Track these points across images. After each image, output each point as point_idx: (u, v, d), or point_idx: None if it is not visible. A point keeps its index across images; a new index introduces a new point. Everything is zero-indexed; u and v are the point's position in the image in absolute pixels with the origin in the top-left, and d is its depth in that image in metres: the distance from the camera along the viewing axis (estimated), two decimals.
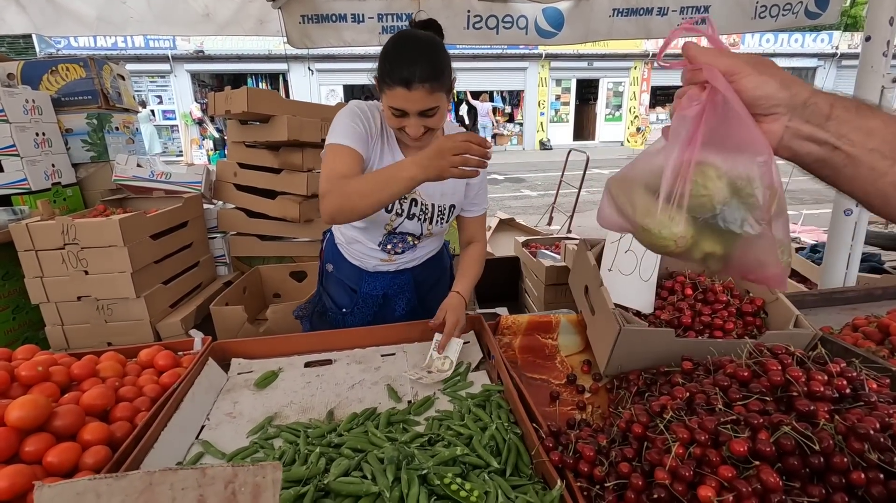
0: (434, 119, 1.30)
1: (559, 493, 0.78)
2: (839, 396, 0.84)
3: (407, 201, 1.45)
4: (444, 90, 1.29)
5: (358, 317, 1.63)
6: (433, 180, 1.12)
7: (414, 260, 1.62)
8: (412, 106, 1.24)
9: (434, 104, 1.26)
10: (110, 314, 2.42)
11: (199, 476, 0.52)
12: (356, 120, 1.37)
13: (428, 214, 1.49)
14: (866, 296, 1.60)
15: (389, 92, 1.25)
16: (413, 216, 1.48)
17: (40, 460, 0.87)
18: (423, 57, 1.23)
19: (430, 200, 1.48)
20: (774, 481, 0.68)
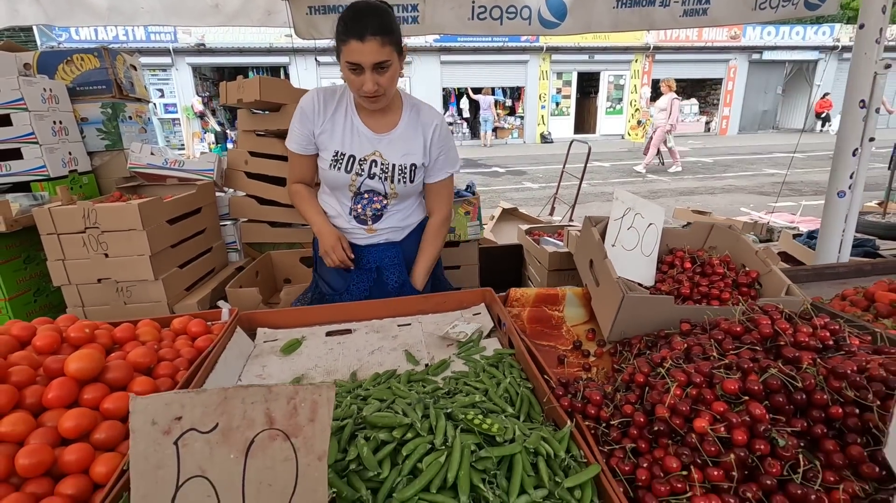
0: (387, 76, 1.44)
1: (569, 430, 0.86)
2: (823, 347, 0.93)
3: (366, 162, 1.61)
4: (395, 48, 1.43)
5: (354, 294, 1.74)
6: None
7: (395, 230, 1.73)
8: (366, 58, 1.38)
9: (386, 57, 1.40)
10: (129, 296, 2.50)
11: (265, 392, 0.61)
12: (298, 115, 1.64)
13: (388, 173, 1.62)
14: (856, 272, 1.68)
15: (345, 48, 1.39)
16: (374, 176, 1.63)
17: (97, 407, 0.96)
18: (374, 14, 1.38)
19: (390, 159, 1.62)
20: (761, 413, 0.77)
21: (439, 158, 1.69)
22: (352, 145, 1.60)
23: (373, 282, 1.73)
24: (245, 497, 0.60)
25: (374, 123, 1.61)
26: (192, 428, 0.59)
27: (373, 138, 1.61)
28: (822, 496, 0.71)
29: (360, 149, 1.60)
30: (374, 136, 1.61)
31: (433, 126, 1.65)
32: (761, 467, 0.74)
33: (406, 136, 1.63)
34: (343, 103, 1.61)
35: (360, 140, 1.60)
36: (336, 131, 1.60)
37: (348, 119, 1.61)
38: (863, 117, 1.95)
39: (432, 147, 1.66)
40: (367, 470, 0.74)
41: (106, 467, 0.84)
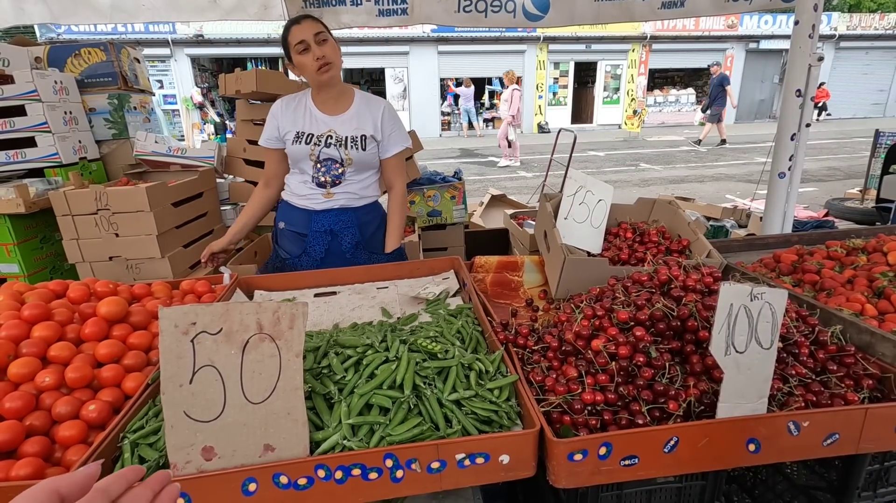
0: (328, 46, 1.80)
1: (500, 355, 1.09)
2: (709, 290, 1.16)
3: (323, 137, 1.92)
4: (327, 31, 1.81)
5: (311, 255, 2.02)
6: None
7: (351, 197, 2.00)
8: (306, 32, 1.75)
9: (321, 30, 1.78)
10: (138, 272, 2.73)
11: (257, 307, 0.83)
12: (269, 118, 1.99)
13: (342, 142, 1.92)
14: (784, 242, 1.90)
15: (290, 36, 1.78)
16: (330, 145, 1.92)
17: (125, 341, 1.19)
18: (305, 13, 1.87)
19: (343, 133, 1.92)
20: (642, 334, 1.00)
21: (392, 135, 1.99)
22: (310, 126, 1.93)
23: (327, 245, 2.00)
24: (243, 381, 0.83)
25: (327, 109, 1.94)
26: (204, 330, 0.81)
27: (327, 120, 1.93)
28: (679, 391, 0.94)
29: (316, 128, 1.93)
30: (328, 118, 1.93)
31: (381, 108, 1.98)
32: (637, 373, 0.97)
33: (357, 116, 1.95)
34: (302, 101, 1.96)
35: (317, 122, 1.93)
36: (297, 120, 1.94)
37: (307, 110, 1.94)
38: (799, 105, 2.16)
39: (384, 124, 1.96)
40: (335, 374, 0.97)
41: (134, 383, 1.07)
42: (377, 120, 1.96)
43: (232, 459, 0.83)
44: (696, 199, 6.13)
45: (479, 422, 0.93)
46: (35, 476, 0.86)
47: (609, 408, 0.94)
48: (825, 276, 1.37)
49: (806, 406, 0.93)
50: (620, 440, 0.85)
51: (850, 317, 1.16)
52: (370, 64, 17.88)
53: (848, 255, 1.46)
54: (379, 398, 0.92)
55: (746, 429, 0.88)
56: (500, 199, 5.52)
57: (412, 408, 0.93)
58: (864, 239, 1.54)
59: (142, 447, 0.89)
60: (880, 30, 20.15)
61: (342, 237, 2.00)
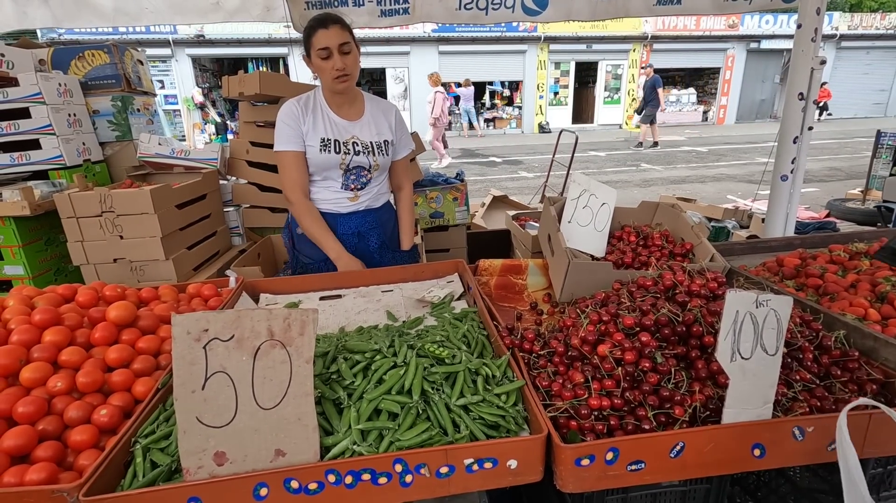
0: (350, 58, 1.79)
1: (507, 360, 1.10)
2: (713, 295, 1.17)
3: (349, 144, 1.92)
4: (352, 38, 1.79)
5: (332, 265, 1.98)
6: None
7: (373, 198, 2.04)
8: (332, 40, 1.72)
9: (348, 40, 1.76)
10: (142, 274, 2.73)
11: (267, 314, 0.84)
12: (286, 121, 1.88)
13: (370, 149, 1.95)
14: (787, 245, 1.91)
15: (314, 39, 1.74)
16: (359, 153, 1.93)
17: (134, 345, 1.20)
18: (332, 13, 1.79)
19: (368, 139, 1.94)
20: (647, 340, 1.01)
21: (402, 138, 2.05)
22: (333, 132, 1.91)
23: (353, 248, 2.00)
24: (254, 387, 0.84)
25: (344, 113, 1.94)
26: (216, 337, 0.82)
27: (348, 125, 1.93)
28: (685, 397, 0.95)
29: (339, 134, 1.92)
30: (349, 123, 1.93)
31: (392, 111, 2.02)
32: (643, 378, 0.98)
33: (373, 121, 1.97)
34: (316, 105, 1.92)
35: (338, 128, 1.92)
36: (318, 125, 1.91)
37: (324, 115, 1.92)
38: (801, 108, 2.17)
39: (396, 128, 2.01)
40: (344, 379, 0.98)
41: (144, 387, 1.09)
42: (391, 124, 2.00)
43: (243, 464, 0.84)
44: (697, 200, 6.14)
45: (487, 427, 0.94)
46: (49, 481, 0.87)
47: (615, 413, 0.95)
48: (828, 281, 1.38)
49: (810, 411, 0.94)
50: (627, 445, 0.86)
51: (853, 321, 1.17)
52: (371, 64, 17.88)
53: (851, 260, 1.47)
54: (388, 403, 0.93)
55: (752, 435, 0.89)
56: (502, 199, 5.53)
57: (420, 414, 0.94)
58: (867, 243, 1.55)
59: (153, 452, 0.90)
60: (881, 29, 20.12)
61: (369, 238, 2.05)
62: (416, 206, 3.64)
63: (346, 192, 1.98)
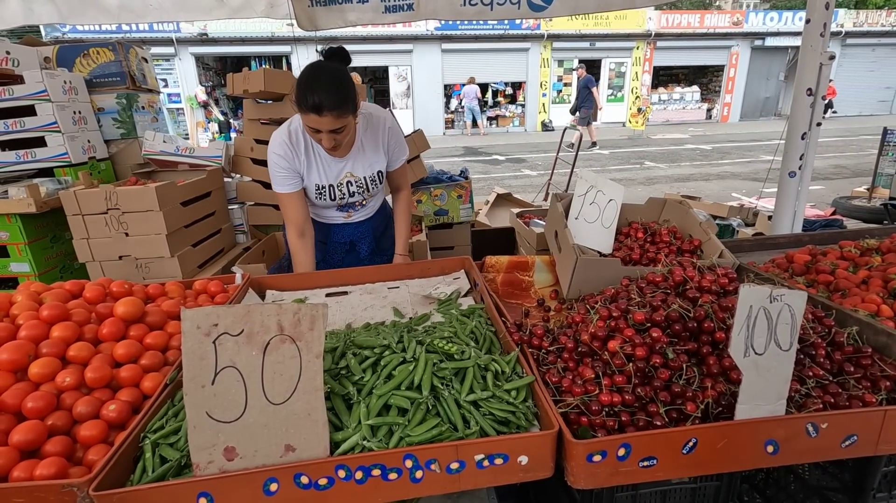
0: (342, 135, 1.64)
1: (516, 355, 1.10)
2: (724, 291, 1.16)
3: (343, 185, 1.88)
4: (351, 111, 1.61)
5: (330, 262, 2.03)
6: None
7: (367, 214, 2.06)
8: (324, 126, 1.57)
9: (341, 125, 1.59)
10: (148, 271, 2.74)
11: (277, 309, 0.84)
12: (279, 162, 1.78)
13: (363, 186, 1.91)
14: (795, 242, 1.90)
15: (304, 115, 1.57)
16: (353, 193, 1.91)
17: (141, 341, 1.19)
18: (331, 88, 1.52)
19: (361, 174, 1.88)
20: (658, 335, 1.00)
21: (395, 150, 1.95)
22: (327, 176, 1.85)
23: (345, 254, 2.04)
24: (264, 382, 0.83)
25: (338, 151, 1.81)
26: (226, 332, 0.82)
27: (339, 163, 1.85)
28: (697, 393, 0.94)
29: (333, 175, 1.86)
30: (341, 160, 1.85)
31: (386, 129, 1.88)
32: (654, 374, 0.97)
33: (367, 149, 1.87)
34: (308, 145, 1.80)
35: (331, 169, 1.85)
36: (311, 168, 1.83)
37: (316, 153, 1.82)
38: (810, 104, 2.15)
39: (389, 144, 1.91)
40: (353, 374, 0.98)
41: (152, 383, 1.08)
42: (384, 142, 1.89)
43: (253, 459, 0.84)
44: (702, 198, 6.11)
45: (497, 423, 0.93)
46: (59, 475, 0.86)
47: (626, 409, 0.95)
48: (839, 277, 1.36)
49: (824, 408, 0.93)
50: (639, 441, 0.85)
51: (865, 318, 1.15)
52: (374, 62, 17.86)
53: (862, 256, 1.45)
54: (397, 399, 0.92)
55: (765, 431, 0.88)
56: (506, 197, 5.52)
57: (430, 409, 0.93)
58: (878, 239, 1.53)
59: (163, 447, 0.90)
60: (887, 26, 19.98)
61: (360, 246, 2.05)
62: (420, 204, 3.63)
63: (342, 213, 2.00)
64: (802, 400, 0.95)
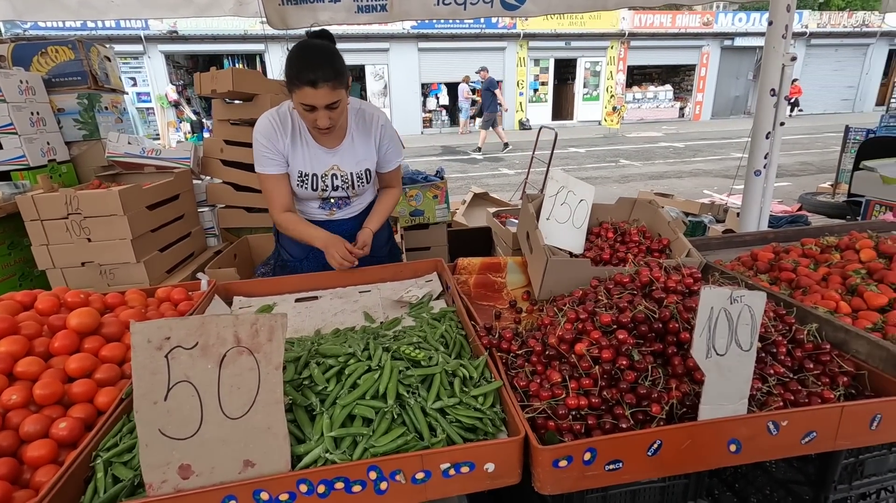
0: (337, 111, 1.60)
1: (484, 360, 1.09)
2: (689, 292, 1.17)
3: (328, 177, 1.80)
4: (344, 87, 1.57)
5: (313, 261, 1.94)
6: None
7: (352, 213, 1.95)
8: (319, 101, 1.53)
9: (337, 98, 1.55)
10: (112, 278, 2.64)
11: (234, 319, 0.81)
12: (265, 143, 1.72)
13: (349, 182, 1.83)
14: (761, 239, 1.94)
15: (299, 92, 1.53)
16: (337, 188, 1.82)
17: (97, 354, 1.15)
18: (325, 61, 1.51)
19: (347, 169, 1.81)
20: (624, 337, 1.00)
21: (388, 151, 1.88)
22: (312, 164, 1.78)
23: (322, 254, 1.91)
24: (220, 396, 0.80)
25: (326, 140, 1.77)
26: (179, 345, 0.78)
27: (327, 154, 1.78)
28: (662, 394, 0.94)
29: (319, 166, 1.79)
30: (329, 150, 1.78)
31: (379, 126, 1.83)
32: (621, 376, 0.97)
33: (357, 144, 1.81)
34: (295, 127, 1.75)
35: (317, 157, 1.78)
36: (297, 153, 1.76)
37: (303, 140, 1.76)
38: (773, 104, 2.20)
39: (381, 143, 1.85)
40: (317, 385, 0.96)
41: (107, 398, 1.04)
42: (376, 140, 1.83)
43: (211, 477, 0.81)
44: (675, 195, 6.23)
45: (464, 430, 0.92)
46: (2, 501, 0.82)
47: (593, 412, 0.95)
48: (800, 274, 1.39)
49: (784, 405, 0.95)
50: (604, 445, 0.85)
51: (824, 315, 1.18)
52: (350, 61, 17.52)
53: (822, 253, 1.49)
54: (362, 409, 0.90)
55: (728, 431, 0.89)
56: (483, 196, 5.52)
57: (396, 418, 0.91)
58: (838, 236, 1.58)
59: (116, 466, 0.86)
60: (849, 27, 20.70)
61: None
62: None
63: (324, 211, 1.92)
64: (764, 397, 0.97)
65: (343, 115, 1.67)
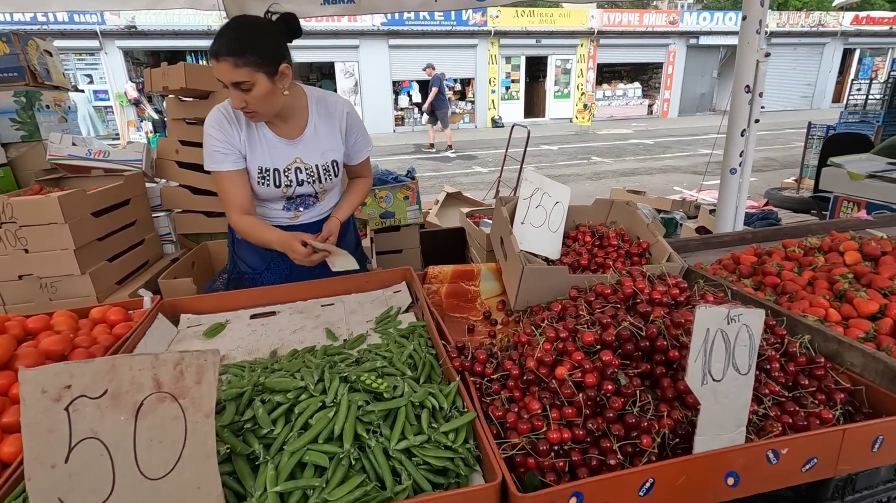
0: (251, 95, 1.41)
1: (455, 387, 0.97)
2: (675, 303, 1.08)
3: (291, 171, 1.64)
4: (258, 68, 1.38)
5: (275, 272, 1.79)
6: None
7: (318, 215, 1.79)
8: (223, 76, 1.39)
9: (242, 79, 1.37)
10: (55, 292, 2.43)
11: (153, 360, 0.67)
12: (217, 136, 1.56)
13: (314, 175, 1.67)
14: (739, 240, 1.89)
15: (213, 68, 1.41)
16: (302, 182, 1.66)
17: (6, 393, 0.98)
18: (233, 33, 1.37)
19: (312, 162, 1.65)
20: (609, 359, 0.90)
21: (357, 141, 1.75)
22: (272, 158, 1.61)
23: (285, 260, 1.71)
24: (137, 453, 0.67)
25: (284, 130, 1.61)
26: (82, 394, 0.65)
27: (287, 146, 1.62)
28: (652, 423, 0.85)
29: (280, 159, 1.62)
30: (289, 142, 1.62)
31: (344, 113, 1.68)
32: (606, 403, 0.87)
33: (320, 134, 1.65)
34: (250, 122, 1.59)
35: (277, 151, 1.61)
36: (254, 146, 1.59)
37: (259, 132, 1.60)
38: (748, 101, 2.16)
39: (348, 132, 1.71)
40: (261, 428, 0.83)
41: (13, 447, 0.88)
42: (342, 129, 1.68)
43: None
44: (647, 192, 6.26)
45: (433, 474, 0.81)
46: None
47: (578, 445, 0.85)
48: (785, 279, 1.33)
49: (783, 430, 0.87)
50: (592, 488, 0.75)
51: (815, 324, 1.12)
52: (319, 58, 17.31)
53: (805, 255, 1.44)
54: (314, 455, 0.78)
55: (725, 463, 0.81)
56: (456, 196, 5.42)
57: (354, 464, 0.79)
58: (818, 236, 1.53)
59: None
60: (806, 27, 21.43)
61: None
62: (364, 207, 3.45)
63: (288, 213, 1.75)
64: (761, 422, 0.89)
65: (265, 104, 1.46)
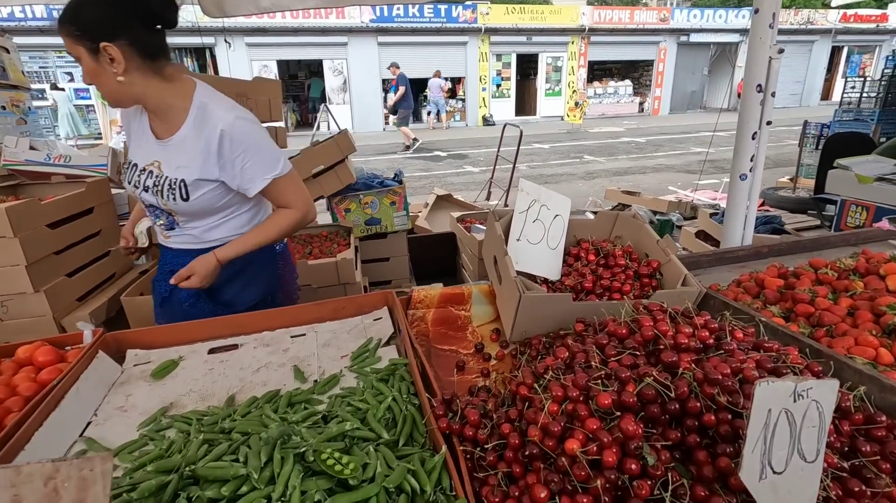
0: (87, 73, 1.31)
1: (441, 460, 0.79)
2: (703, 346, 0.91)
3: (144, 173, 1.43)
4: (74, 39, 1.25)
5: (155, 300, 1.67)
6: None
7: (189, 244, 1.53)
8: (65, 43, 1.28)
9: (68, 49, 1.28)
10: (6, 311, 2.23)
11: (12, 475, 0.48)
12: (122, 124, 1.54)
13: (159, 188, 1.40)
14: (755, 255, 1.72)
15: None
16: (147, 188, 1.43)
17: None
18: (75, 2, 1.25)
19: (165, 171, 1.40)
20: (633, 429, 0.72)
21: (245, 167, 1.40)
22: (138, 152, 1.47)
23: (168, 291, 1.55)
24: None
25: (159, 127, 1.43)
26: None
27: (156, 144, 1.43)
28: None
29: (143, 156, 1.45)
30: (158, 141, 1.42)
31: (216, 130, 1.35)
32: (631, 489, 0.69)
33: (185, 145, 1.39)
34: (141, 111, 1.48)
35: (147, 146, 1.45)
36: (133, 137, 1.49)
37: (144, 122, 1.46)
38: (760, 101, 2.00)
39: (224, 156, 1.38)
40: None
41: None
42: (211, 148, 1.36)
43: None
44: (642, 193, 6.12)
45: None
46: None
47: None
48: (820, 307, 1.17)
49: None
50: None
51: (866, 368, 0.94)
52: (307, 55, 17.02)
53: (839, 279, 1.27)
54: None
55: None
56: (447, 198, 5.23)
57: None
58: (853, 257, 1.36)
59: None
60: (795, 24, 21.47)
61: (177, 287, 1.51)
62: (348, 214, 3.25)
63: (160, 226, 1.56)
64: None
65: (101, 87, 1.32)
